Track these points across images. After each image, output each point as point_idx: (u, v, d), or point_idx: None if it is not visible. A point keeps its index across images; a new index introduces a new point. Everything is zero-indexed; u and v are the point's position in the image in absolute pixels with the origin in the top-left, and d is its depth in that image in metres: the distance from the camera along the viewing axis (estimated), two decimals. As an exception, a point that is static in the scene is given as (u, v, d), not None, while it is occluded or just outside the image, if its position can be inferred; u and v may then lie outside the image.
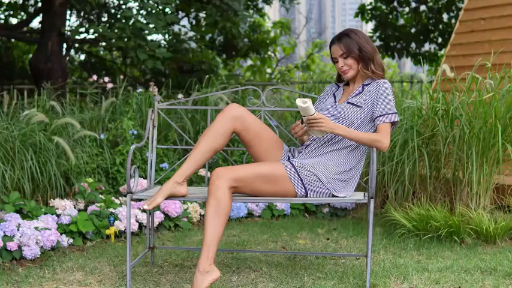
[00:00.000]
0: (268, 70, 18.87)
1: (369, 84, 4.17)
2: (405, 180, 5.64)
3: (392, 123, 4.11)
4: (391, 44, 13.41)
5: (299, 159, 4.10)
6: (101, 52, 15.43)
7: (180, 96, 7.98)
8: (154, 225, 5.64)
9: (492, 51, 6.01)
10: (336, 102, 4.24)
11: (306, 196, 4.04)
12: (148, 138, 4.64)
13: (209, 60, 12.18)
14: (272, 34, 16.57)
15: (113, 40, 9.35)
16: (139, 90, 7.27)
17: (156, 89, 7.49)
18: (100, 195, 5.95)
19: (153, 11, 9.24)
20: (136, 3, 9.96)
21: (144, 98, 7.27)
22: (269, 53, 15.90)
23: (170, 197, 4.01)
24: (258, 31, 14.36)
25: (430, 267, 4.52)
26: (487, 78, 5.53)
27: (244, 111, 4.11)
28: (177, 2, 10.31)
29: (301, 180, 3.99)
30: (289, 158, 4.20)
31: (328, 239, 5.51)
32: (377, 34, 13.80)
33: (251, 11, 13.21)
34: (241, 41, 13.25)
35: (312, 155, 4.10)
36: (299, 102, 3.89)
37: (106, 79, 7.55)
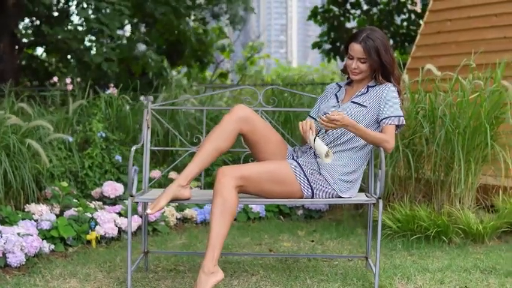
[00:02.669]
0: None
1: (373, 86, 4.12)
2: (388, 181, 5.63)
3: (397, 126, 4.07)
4: (342, 47, 13.44)
5: (304, 158, 4.04)
6: (41, 56, 15.08)
7: (142, 98, 7.84)
8: (133, 230, 5.51)
9: (474, 51, 6.01)
10: (338, 102, 4.18)
11: (312, 197, 3.97)
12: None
13: (158, 63, 12.01)
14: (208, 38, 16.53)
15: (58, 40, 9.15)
16: (108, 91, 7.10)
17: (116, 91, 7.34)
18: (74, 200, 5.78)
19: (108, 11, 9.08)
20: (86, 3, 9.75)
21: (110, 100, 7.11)
22: (209, 57, 15.81)
23: (173, 200, 3.90)
24: (204, 41, 14.22)
25: (429, 267, 4.50)
26: (467, 78, 5.55)
27: (251, 112, 4.01)
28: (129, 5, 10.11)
29: (308, 180, 3.92)
30: (293, 158, 4.13)
31: (312, 241, 5.45)
32: (326, 37, 13.78)
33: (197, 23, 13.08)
34: (189, 48, 13.11)
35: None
36: (323, 151, 3.81)
37: (68, 80, 7.37)
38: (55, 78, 7.48)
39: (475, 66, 5.53)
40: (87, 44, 10.51)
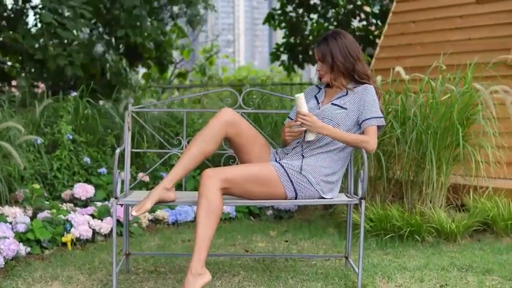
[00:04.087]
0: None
1: (353, 88, 4.19)
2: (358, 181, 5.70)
3: (378, 127, 4.15)
4: (300, 52, 13.33)
5: (287, 160, 4.09)
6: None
7: (101, 102, 7.82)
8: (106, 232, 5.51)
9: (445, 53, 6.11)
10: (319, 104, 4.24)
11: (296, 198, 4.03)
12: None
13: (117, 64, 11.93)
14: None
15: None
16: (74, 94, 7.06)
17: (75, 93, 7.30)
18: (46, 202, 5.76)
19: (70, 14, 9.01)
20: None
21: (75, 102, 7.08)
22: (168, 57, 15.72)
23: (159, 202, 3.93)
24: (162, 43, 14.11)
25: (407, 266, 4.59)
26: (436, 79, 5.66)
27: (236, 115, 4.07)
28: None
29: (291, 181, 3.97)
30: (276, 160, 4.17)
31: (286, 241, 5.51)
32: (284, 47, 13.66)
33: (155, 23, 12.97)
34: (148, 54, 13.02)
35: (299, 157, 4.09)
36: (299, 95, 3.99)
37: (40, 90, 7.34)
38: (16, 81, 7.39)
39: (445, 68, 5.64)
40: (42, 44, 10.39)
